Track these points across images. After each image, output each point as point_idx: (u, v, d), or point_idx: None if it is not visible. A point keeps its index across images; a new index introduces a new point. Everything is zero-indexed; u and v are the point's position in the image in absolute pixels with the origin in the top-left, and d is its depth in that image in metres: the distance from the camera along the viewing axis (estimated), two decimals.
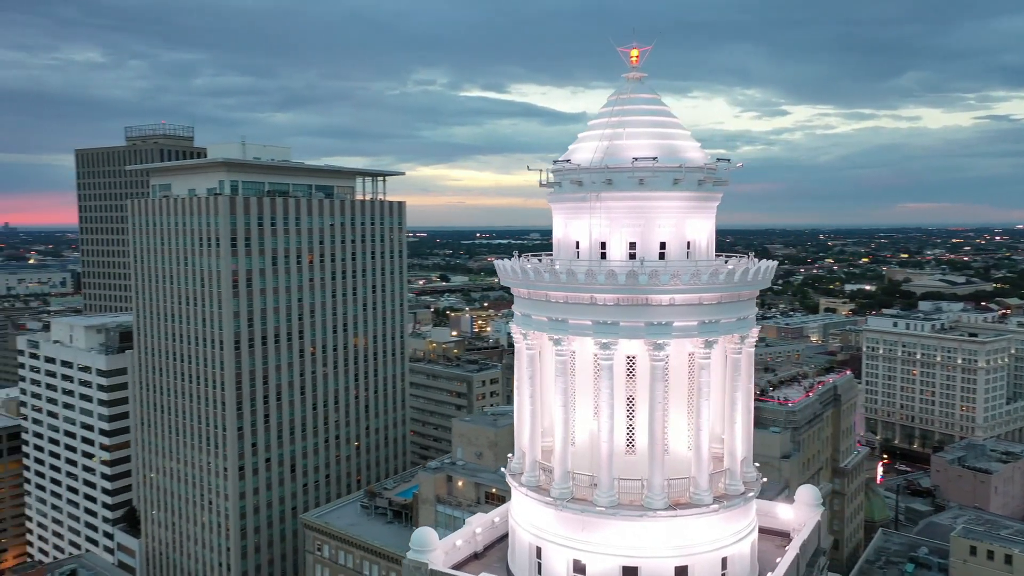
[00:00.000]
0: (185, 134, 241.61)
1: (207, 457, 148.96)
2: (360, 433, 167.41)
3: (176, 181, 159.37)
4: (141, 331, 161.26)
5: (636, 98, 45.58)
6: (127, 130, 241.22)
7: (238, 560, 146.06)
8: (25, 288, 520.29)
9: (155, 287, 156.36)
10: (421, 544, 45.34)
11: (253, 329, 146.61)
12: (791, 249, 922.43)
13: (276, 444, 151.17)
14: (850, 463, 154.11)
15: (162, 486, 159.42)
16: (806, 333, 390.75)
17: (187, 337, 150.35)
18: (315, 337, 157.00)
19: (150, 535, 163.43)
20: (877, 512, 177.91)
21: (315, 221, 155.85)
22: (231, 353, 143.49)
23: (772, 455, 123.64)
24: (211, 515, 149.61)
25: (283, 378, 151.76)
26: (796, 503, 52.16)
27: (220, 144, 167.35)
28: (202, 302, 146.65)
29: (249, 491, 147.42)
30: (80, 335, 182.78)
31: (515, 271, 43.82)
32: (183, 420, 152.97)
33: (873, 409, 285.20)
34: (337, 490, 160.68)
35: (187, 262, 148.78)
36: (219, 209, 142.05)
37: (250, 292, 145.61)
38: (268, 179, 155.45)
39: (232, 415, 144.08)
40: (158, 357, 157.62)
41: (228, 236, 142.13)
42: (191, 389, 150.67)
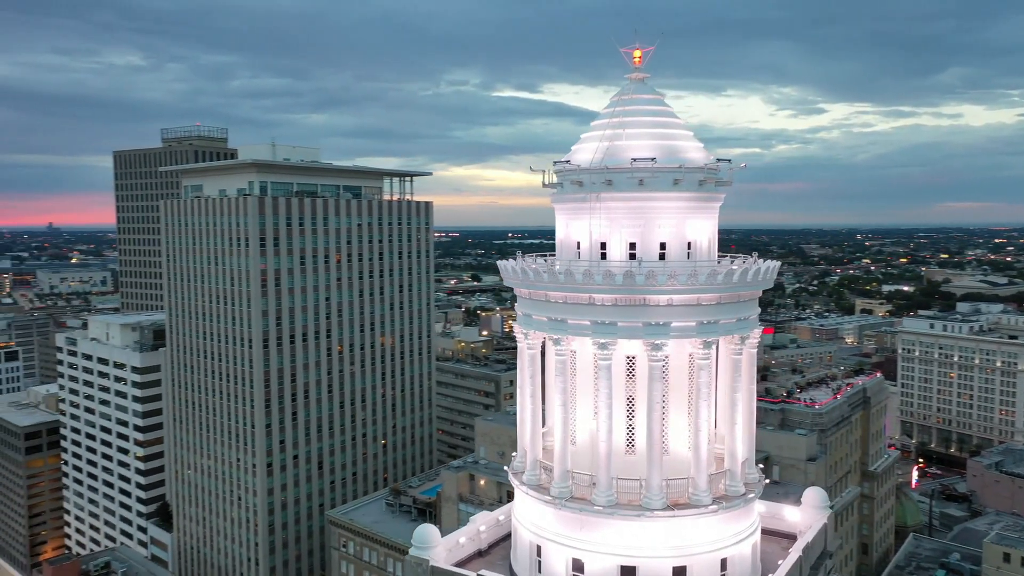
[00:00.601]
0: (219, 135, 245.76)
1: (236, 453, 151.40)
2: (387, 431, 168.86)
3: (207, 182, 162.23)
4: (173, 329, 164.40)
5: (638, 99, 45.60)
6: (163, 132, 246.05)
7: (266, 555, 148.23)
8: (67, 287, 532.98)
9: (186, 286, 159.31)
10: (422, 541, 45.89)
11: (281, 328, 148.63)
12: (827, 249, 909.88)
13: (304, 441, 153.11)
14: (880, 467, 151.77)
15: (194, 481, 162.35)
16: (841, 335, 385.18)
17: (217, 335, 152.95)
18: (342, 336, 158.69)
19: (182, 529, 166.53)
20: (910, 517, 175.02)
21: (343, 221, 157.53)
22: (260, 351, 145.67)
23: (798, 457, 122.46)
24: (240, 511, 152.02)
25: (311, 376, 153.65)
26: (803, 505, 51.75)
27: (250, 145, 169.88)
28: (232, 301, 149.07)
29: (277, 487, 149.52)
30: (116, 333, 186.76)
31: (515, 271, 44.18)
32: (213, 417, 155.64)
33: (909, 412, 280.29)
34: (364, 487, 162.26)
35: (217, 261, 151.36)
36: (248, 209, 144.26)
37: (279, 291, 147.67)
38: (297, 180, 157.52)
39: (261, 412, 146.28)
40: (189, 355, 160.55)
41: (257, 236, 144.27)
42: (221, 386, 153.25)
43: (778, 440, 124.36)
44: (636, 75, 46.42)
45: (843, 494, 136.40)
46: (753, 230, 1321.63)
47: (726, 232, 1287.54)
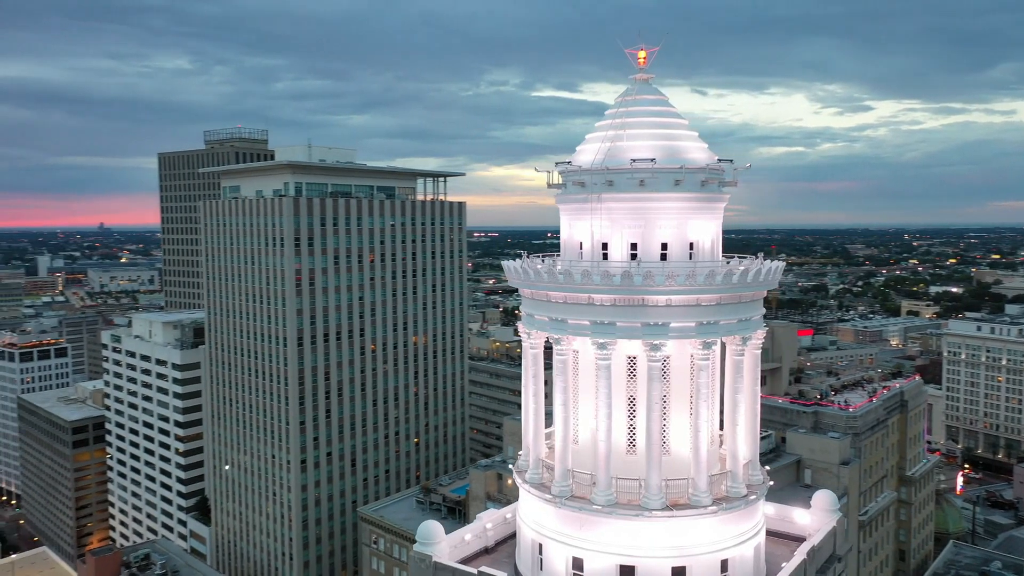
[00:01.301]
0: (259, 137, 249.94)
1: (272, 450, 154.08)
2: (420, 429, 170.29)
3: (245, 183, 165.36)
4: (212, 327, 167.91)
5: (641, 99, 45.59)
6: (206, 134, 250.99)
7: (300, 550, 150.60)
8: (116, 285, 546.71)
9: (224, 285, 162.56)
10: (426, 537, 46.49)
11: (316, 326, 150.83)
12: (873, 250, 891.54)
13: (337, 438, 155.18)
14: (918, 471, 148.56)
15: (231, 477, 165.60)
16: (885, 336, 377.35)
17: (253, 333, 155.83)
18: (376, 335, 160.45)
19: (219, 523, 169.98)
20: (951, 523, 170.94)
21: (376, 221, 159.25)
22: (294, 349, 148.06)
23: (830, 461, 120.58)
24: (275, 506, 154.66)
25: (344, 374, 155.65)
26: (812, 508, 51.19)
27: (287, 147, 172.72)
28: (267, 300, 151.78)
29: (311, 484, 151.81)
30: (158, 330, 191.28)
31: (517, 271, 44.53)
32: (250, 413, 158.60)
33: (955, 417, 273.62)
34: (396, 485, 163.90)
35: (254, 261, 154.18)
36: (283, 210, 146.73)
37: (313, 290, 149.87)
38: (331, 180, 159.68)
39: (295, 410, 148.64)
40: (227, 352, 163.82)
41: (292, 236, 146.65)
42: (257, 384, 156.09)
43: (810, 443, 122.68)
44: (640, 76, 46.43)
45: (878, 499, 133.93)
46: (797, 230, 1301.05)
47: (768, 232, 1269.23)
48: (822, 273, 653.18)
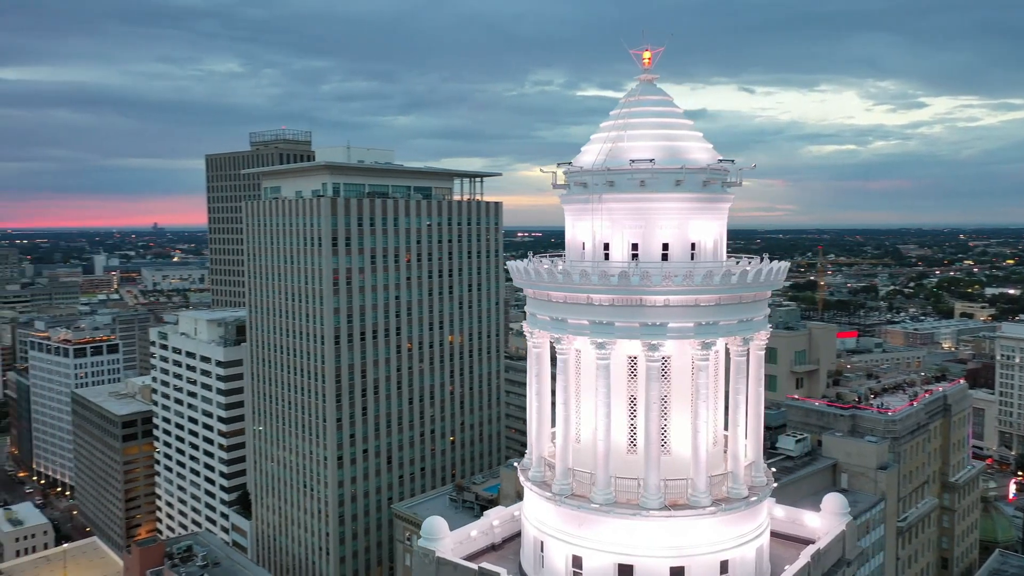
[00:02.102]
0: (303, 138, 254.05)
1: (310, 446, 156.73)
2: (455, 428, 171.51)
3: (285, 184, 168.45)
4: (253, 325, 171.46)
5: (644, 99, 45.60)
6: (251, 136, 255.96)
7: (336, 545, 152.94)
8: (168, 284, 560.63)
9: (265, 284, 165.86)
10: (430, 533, 47.15)
11: (352, 325, 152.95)
12: (926, 250, 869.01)
13: (373, 436, 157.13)
14: (962, 478, 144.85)
15: (271, 472, 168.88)
16: (937, 339, 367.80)
17: (292, 332, 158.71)
18: (412, 333, 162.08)
19: (260, 518, 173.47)
20: (1000, 532, 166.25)
21: (413, 221, 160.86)
22: (331, 347, 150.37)
23: (867, 465, 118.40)
24: (313, 501, 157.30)
25: (380, 372, 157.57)
26: (822, 511, 50.53)
27: (327, 148, 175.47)
28: (305, 299, 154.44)
29: (347, 480, 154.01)
30: (203, 328, 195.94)
31: (519, 271, 44.94)
32: (289, 410, 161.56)
33: (1008, 423, 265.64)
34: (432, 482, 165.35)
35: (293, 260, 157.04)
36: (321, 210, 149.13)
37: (350, 289, 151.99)
38: (369, 181, 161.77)
39: (332, 407, 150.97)
40: (267, 350, 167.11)
41: (329, 236, 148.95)
42: (296, 381, 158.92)
43: (847, 447, 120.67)
44: (645, 76, 46.45)
45: (919, 505, 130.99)
46: (847, 230, 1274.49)
47: (817, 232, 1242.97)
48: (872, 274, 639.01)
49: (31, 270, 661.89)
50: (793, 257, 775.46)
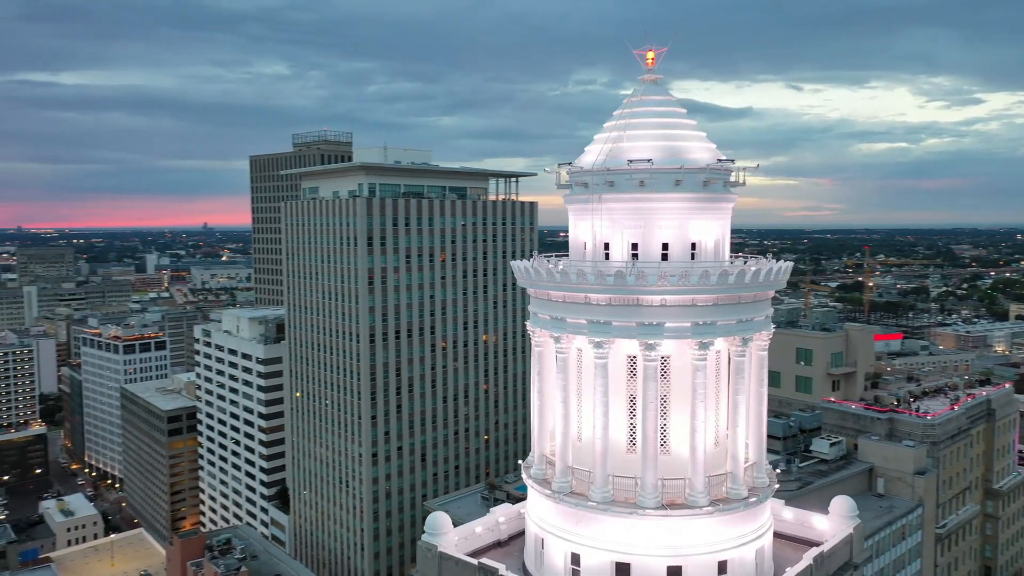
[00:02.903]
0: (344, 139, 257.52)
1: (345, 443, 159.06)
2: (489, 427, 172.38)
3: (323, 184, 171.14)
4: (291, 323, 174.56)
5: (647, 100, 45.63)
6: (294, 137, 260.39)
7: (371, 541, 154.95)
8: (216, 283, 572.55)
9: (303, 283, 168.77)
10: (433, 528, 47.83)
11: (387, 323, 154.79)
12: (980, 250, 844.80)
13: (408, 433, 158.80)
14: (1007, 484, 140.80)
15: (309, 468, 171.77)
16: (990, 342, 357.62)
17: (329, 330, 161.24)
18: (446, 332, 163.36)
19: (298, 512, 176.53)
20: None
21: (447, 221, 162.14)
22: (366, 346, 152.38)
23: (905, 470, 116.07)
24: (348, 498, 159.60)
25: (415, 371, 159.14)
26: (830, 514, 49.92)
27: (365, 148, 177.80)
28: (342, 297, 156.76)
29: (382, 477, 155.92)
30: (245, 326, 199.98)
31: (520, 270, 45.39)
32: (325, 407, 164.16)
33: None
34: (466, 480, 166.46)
35: (329, 260, 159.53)
36: (357, 210, 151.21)
37: (385, 288, 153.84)
38: (404, 181, 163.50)
39: (367, 404, 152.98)
40: (305, 348, 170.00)
41: (365, 236, 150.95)
42: (332, 378, 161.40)
43: (883, 451, 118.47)
44: (649, 76, 46.46)
45: (959, 512, 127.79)
46: (897, 230, 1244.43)
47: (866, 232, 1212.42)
48: (923, 275, 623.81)
49: (86, 269, 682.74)
50: (840, 258, 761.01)
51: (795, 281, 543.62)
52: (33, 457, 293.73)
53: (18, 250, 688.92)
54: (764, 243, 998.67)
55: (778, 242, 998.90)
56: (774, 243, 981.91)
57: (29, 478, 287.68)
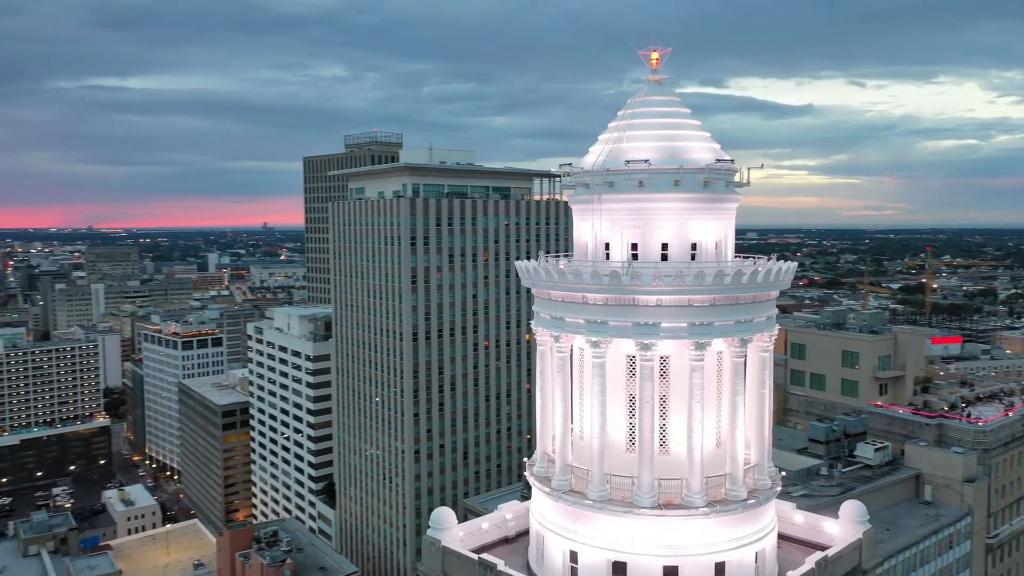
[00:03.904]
0: (395, 140, 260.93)
1: (389, 440, 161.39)
2: (531, 426, 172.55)
3: (369, 185, 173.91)
4: (338, 321, 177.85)
5: (649, 100, 45.60)
6: (346, 139, 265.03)
7: (413, 537, 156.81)
8: (274, 281, 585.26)
9: (349, 282, 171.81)
10: (438, 523, 48.56)
11: (430, 322, 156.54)
12: None
13: (450, 431, 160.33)
14: None
15: (354, 463, 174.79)
16: None
17: (373, 328, 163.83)
18: (489, 332, 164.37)
19: (343, 507, 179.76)
20: None
21: (491, 221, 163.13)
22: (409, 344, 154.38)
23: (953, 478, 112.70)
24: (392, 494, 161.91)
25: (457, 369, 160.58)
26: (840, 519, 49.06)
27: (411, 149, 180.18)
28: (386, 296, 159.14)
29: (424, 474, 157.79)
30: (295, 324, 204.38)
31: (523, 270, 45.86)
32: (370, 404, 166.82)
33: None
34: (508, 479, 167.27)
35: (374, 259, 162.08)
36: (401, 210, 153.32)
37: (428, 288, 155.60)
38: (448, 181, 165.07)
39: (409, 402, 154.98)
40: (351, 346, 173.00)
41: (408, 235, 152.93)
42: (377, 376, 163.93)
43: (931, 457, 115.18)
44: (653, 77, 46.44)
45: (1013, 522, 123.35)
46: (966, 229, 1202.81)
47: (932, 232, 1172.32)
48: (992, 276, 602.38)
49: (151, 267, 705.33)
50: (903, 258, 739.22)
51: (853, 282, 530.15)
52: (97, 448, 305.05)
53: (87, 249, 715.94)
54: (823, 243, 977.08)
55: (837, 242, 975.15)
56: (833, 243, 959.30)
57: (93, 468, 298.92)
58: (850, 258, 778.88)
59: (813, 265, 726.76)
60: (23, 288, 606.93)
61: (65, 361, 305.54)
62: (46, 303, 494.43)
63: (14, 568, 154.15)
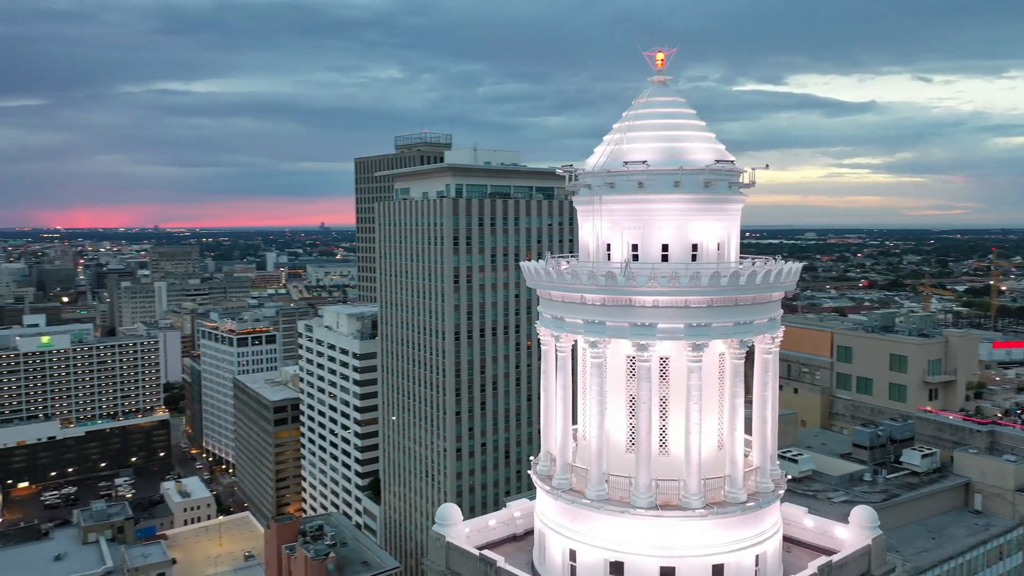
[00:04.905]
0: (444, 141, 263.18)
1: (432, 437, 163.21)
2: None
3: (414, 185, 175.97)
4: (384, 320, 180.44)
5: (652, 101, 45.53)
6: (396, 139, 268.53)
7: None
8: (330, 280, 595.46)
9: (394, 281, 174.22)
10: (443, 519, 49.29)
11: (472, 322, 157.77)
12: None
13: (492, 430, 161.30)
14: None
15: (399, 461, 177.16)
16: None
17: (417, 327, 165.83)
18: (531, 331, 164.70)
19: (388, 503, 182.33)
20: None
21: (533, 221, 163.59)
22: (451, 343, 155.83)
23: (1005, 487, 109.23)
24: (434, 491, 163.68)
25: (499, 369, 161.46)
26: (850, 524, 48.16)
27: (456, 150, 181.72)
28: (429, 296, 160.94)
29: (465, 472, 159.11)
30: (344, 322, 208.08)
31: (527, 270, 46.27)
32: (414, 402, 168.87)
33: None
34: None
35: (418, 259, 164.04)
36: (443, 211, 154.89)
37: (470, 287, 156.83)
38: (491, 182, 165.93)
39: (451, 400, 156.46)
40: (396, 344, 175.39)
41: (451, 235, 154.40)
42: (420, 374, 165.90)
43: (982, 465, 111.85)
44: (657, 78, 46.39)
45: None
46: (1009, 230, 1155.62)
47: (1002, 232, 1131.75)
48: None
49: (212, 266, 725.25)
50: (970, 259, 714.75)
51: (915, 284, 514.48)
52: (157, 441, 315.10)
53: (152, 248, 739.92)
54: (886, 243, 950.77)
55: (900, 243, 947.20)
56: (896, 244, 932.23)
57: (153, 460, 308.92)
58: (914, 259, 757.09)
59: (874, 266, 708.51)
60: (92, 286, 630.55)
61: (127, 356, 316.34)
62: (113, 300, 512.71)
63: (74, 554, 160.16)
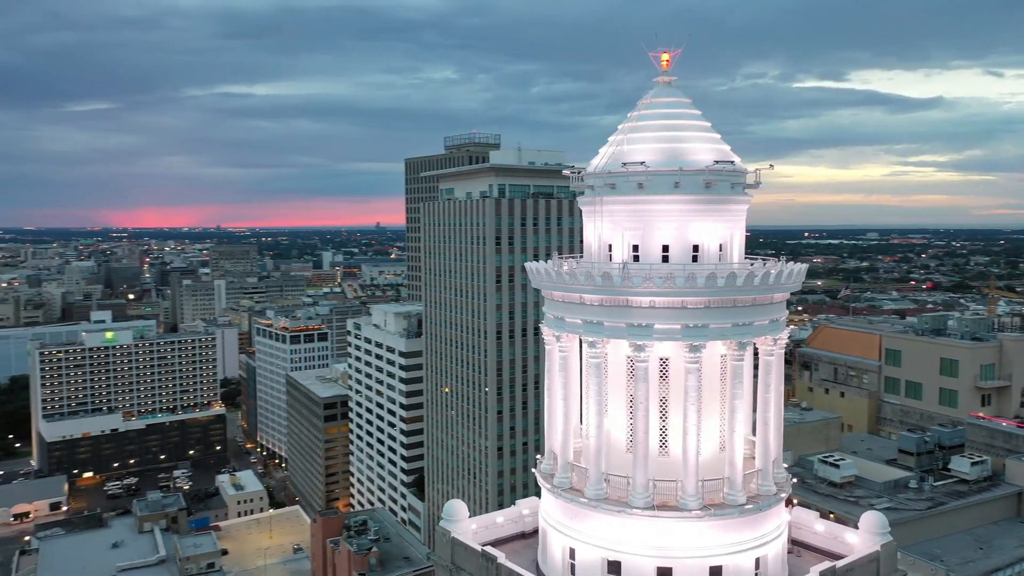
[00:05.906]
0: (492, 141, 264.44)
1: (474, 436, 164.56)
2: None
3: (458, 186, 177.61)
4: (428, 319, 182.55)
5: (656, 102, 45.48)
6: (445, 140, 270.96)
7: None
8: (384, 279, 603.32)
9: (438, 280, 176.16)
10: (450, 515, 49.92)
11: (514, 321, 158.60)
12: None
13: (532, 430, 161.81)
14: None
15: (442, 458, 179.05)
16: None
17: (460, 326, 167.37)
18: None
19: (431, 500, 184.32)
20: None
21: (576, 221, 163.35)
22: (493, 342, 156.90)
23: None
24: (476, 489, 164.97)
25: (541, 368, 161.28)
26: (859, 529, 47.26)
27: (500, 151, 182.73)
28: (471, 295, 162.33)
29: (507, 471, 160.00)
30: (391, 320, 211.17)
31: (531, 271, 46.70)
32: (457, 401, 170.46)
33: None
34: None
35: (461, 258, 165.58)
36: (486, 211, 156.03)
37: (512, 287, 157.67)
38: (534, 182, 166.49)
39: (493, 399, 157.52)
40: (440, 343, 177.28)
41: (493, 235, 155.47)
42: (463, 373, 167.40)
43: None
44: (662, 78, 46.29)
45: None
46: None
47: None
48: None
49: (270, 264, 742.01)
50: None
51: (982, 286, 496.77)
52: (214, 435, 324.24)
53: (213, 247, 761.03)
54: (952, 244, 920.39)
55: (968, 243, 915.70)
56: (963, 244, 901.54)
57: (210, 453, 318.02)
58: (981, 260, 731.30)
59: (939, 267, 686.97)
60: (157, 283, 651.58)
61: (186, 352, 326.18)
62: (175, 298, 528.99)
63: (130, 542, 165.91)
